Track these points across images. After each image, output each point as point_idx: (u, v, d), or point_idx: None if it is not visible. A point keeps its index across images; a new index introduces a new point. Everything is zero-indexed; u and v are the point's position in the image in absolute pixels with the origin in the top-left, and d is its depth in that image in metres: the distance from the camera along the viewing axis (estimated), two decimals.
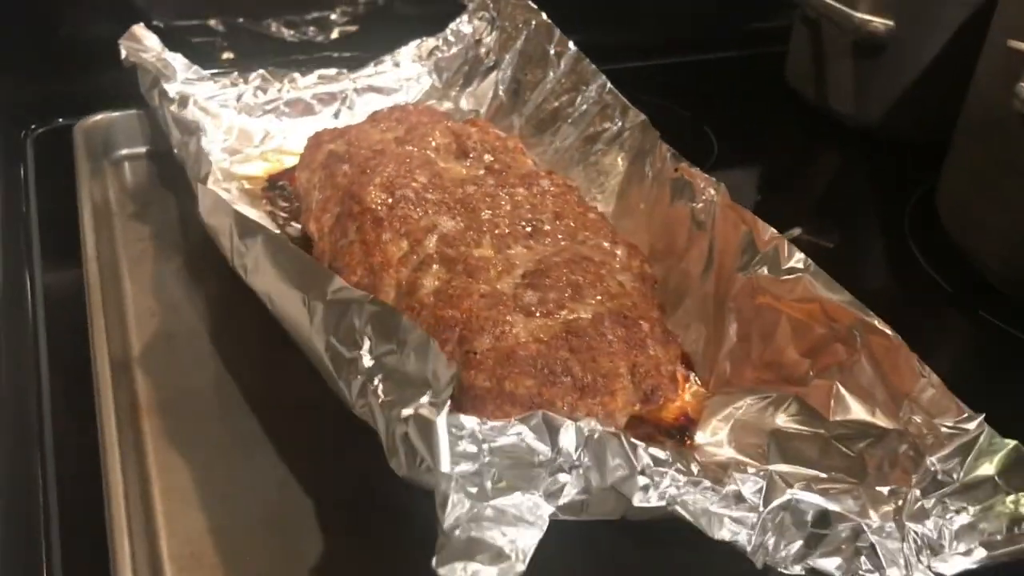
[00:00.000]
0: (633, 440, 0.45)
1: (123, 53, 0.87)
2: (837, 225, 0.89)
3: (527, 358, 0.55)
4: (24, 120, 0.91)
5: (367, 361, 0.47)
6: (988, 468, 0.48)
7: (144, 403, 0.58)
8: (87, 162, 0.82)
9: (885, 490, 0.49)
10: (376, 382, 0.45)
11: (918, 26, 0.93)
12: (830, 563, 0.46)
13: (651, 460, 0.44)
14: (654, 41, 1.16)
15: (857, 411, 0.55)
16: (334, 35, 1.10)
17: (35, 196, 0.80)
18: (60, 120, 0.91)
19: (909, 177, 0.94)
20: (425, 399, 0.41)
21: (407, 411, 0.41)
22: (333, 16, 1.10)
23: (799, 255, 0.60)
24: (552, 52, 0.87)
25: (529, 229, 0.67)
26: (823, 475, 0.52)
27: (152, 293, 0.69)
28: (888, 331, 0.54)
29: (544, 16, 0.88)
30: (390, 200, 0.68)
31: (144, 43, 0.89)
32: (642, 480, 0.44)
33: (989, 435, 0.48)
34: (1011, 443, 0.47)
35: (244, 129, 0.89)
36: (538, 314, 0.58)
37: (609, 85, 0.83)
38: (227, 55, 1.06)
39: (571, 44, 0.86)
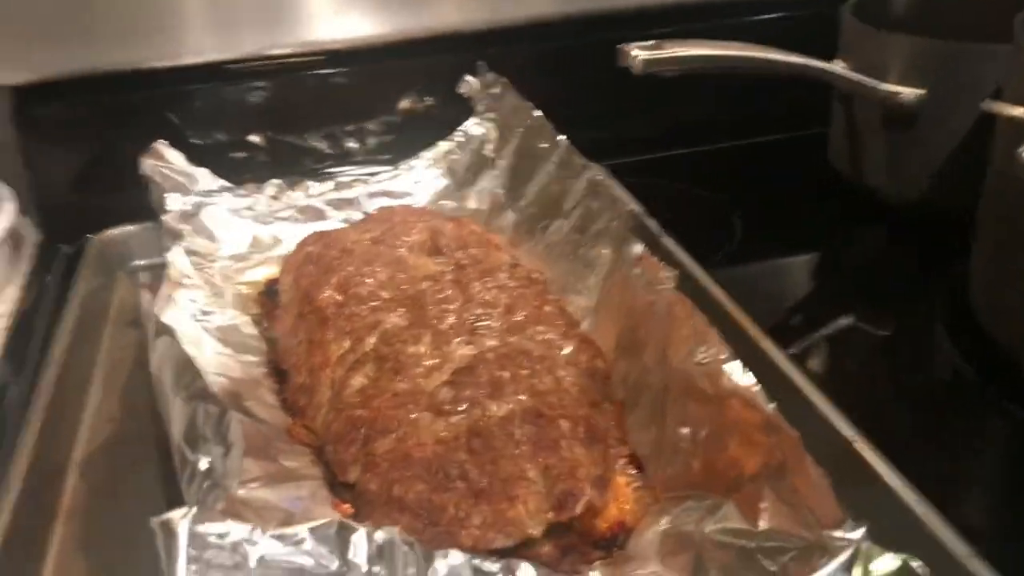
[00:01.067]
0: (456, 552, 0.41)
1: (143, 169, 0.91)
2: (871, 308, 0.83)
3: (421, 460, 0.52)
4: (59, 234, 0.96)
5: (202, 464, 0.45)
6: None
7: (65, 508, 0.59)
8: (95, 272, 0.86)
9: None
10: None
11: (949, 93, 0.87)
12: None
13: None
14: (692, 127, 1.13)
15: (784, 521, 0.49)
16: (371, 144, 1.13)
17: (47, 305, 0.84)
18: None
19: (947, 255, 0.86)
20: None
21: (156, 518, 0.39)
22: (370, 126, 1.13)
23: (736, 364, 0.55)
24: (543, 147, 0.86)
25: (475, 324, 0.65)
26: None
27: (119, 400, 0.71)
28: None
29: (537, 113, 0.87)
30: (341, 299, 0.68)
31: (166, 158, 0.93)
32: None
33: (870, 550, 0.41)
34: (899, 559, 0.40)
35: (256, 236, 0.91)
36: (448, 413, 0.55)
37: (600, 177, 0.81)
38: (263, 166, 1.10)
39: (561, 138, 0.85)
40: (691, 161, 1.11)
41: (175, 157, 0.94)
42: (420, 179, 0.97)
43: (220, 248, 0.88)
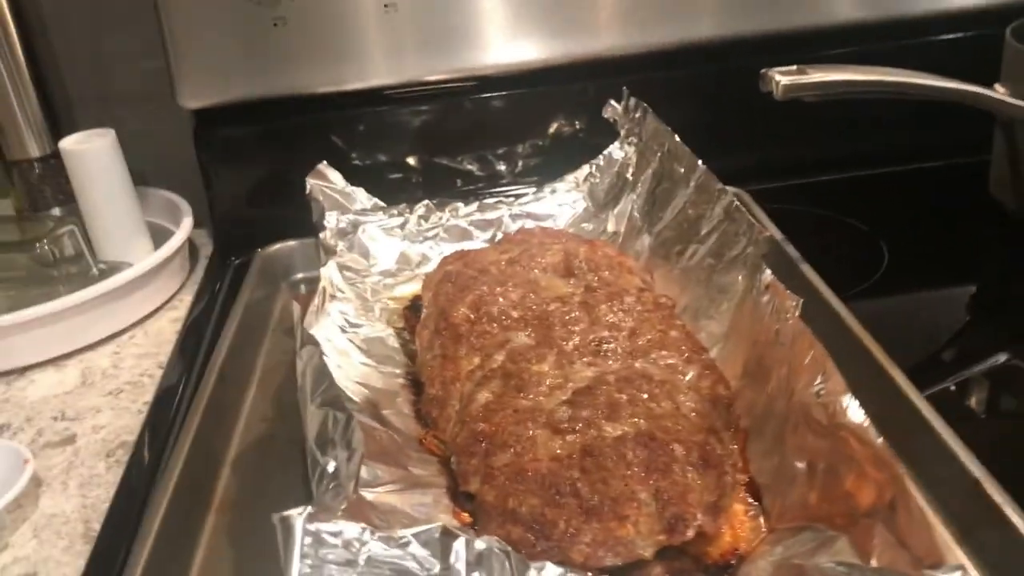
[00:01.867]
0: (551, 565, 0.43)
1: (308, 188, 0.98)
2: None
3: (535, 476, 0.54)
4: (230, 247, 1.05)
5: (330, 467, 0.49)
6: None
7: (218, 500, 0.65)
8: (259, 283, 0.93)
9: None
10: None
11: None
12: None
13: None
14: (841, 154, 1.11)
15: (896, 559, 0.48)
16: (519, 166, 1.17)
17: (215, 312, 0.92)
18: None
19: None
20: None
21: (277, 515, 0.43)
22: (520, 148, 1.17)
23: (849, 397, 0.54)
24: (681, 171, 0.87)
25: (599, 346, 0.66)
26: None
27: (271, 401, 0.77)
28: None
29: (676, 138, 0.88)
30: (474, 317, 0.71)
31: (328, 178, 1.00)
32: None
33: None
34: None
35: (405, 254, 0.96)
36: (565, 431, 0.58)
37: (736, 203, 0.81)
38: (416, 187, 1.15)
39: (700, 163, 0.85)
40: (838, 188, 1.09)
41: (336, 177, 1.01)
42: (562, 201, 1.00)
43: (372, 265, 0.94)
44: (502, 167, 1.17)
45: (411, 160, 1.15)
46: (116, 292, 0.93)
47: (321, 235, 0.90)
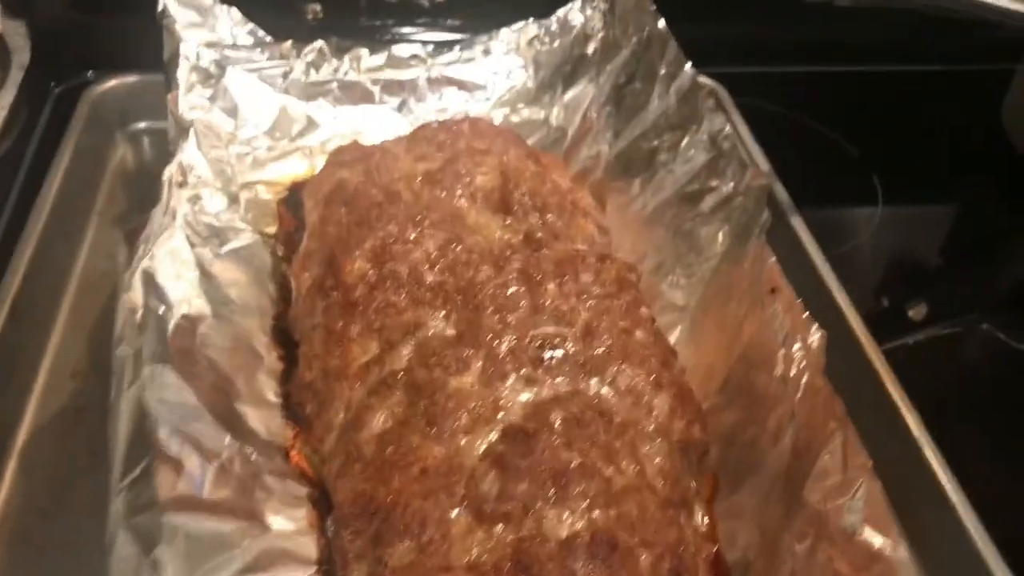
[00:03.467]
0: None
1: (160, 3, 0.72)
2: None
3: None
4: (53, 72, 0.79)
5: None
6: None
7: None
8: (88, 129, 0.71)
9: None
10: None
11: None
12: None
13: None
14: (826, 39, 0.90)
15: None
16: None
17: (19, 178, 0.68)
18: (89, 74, 0.78)
19: None
20: None
21: None
22: None
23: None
24: (662, 72, 0.66)
25: (542, 351, 0.49)
26: None
27: (87, 343, 0.56)
28: None
29: (662, 23, 0.67)
30: (374, 276, 0.52)
31: None
32: None
33: None
34: None
35: (285, 112, 0.74)
36: (491, 517, 0.41)
37: (728, 130, 0.62)
38: (313, 8, 0.90)
39: (688, 65, 0.65)
40: (821, 85, 0.90)
41: None
42: (497, 68, 0.78)
43: (240, 127, 0.71)
44: None
45: None
46: None
47: (172, 91, 0.66)
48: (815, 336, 0.47)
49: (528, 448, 0.43)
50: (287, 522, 0.44)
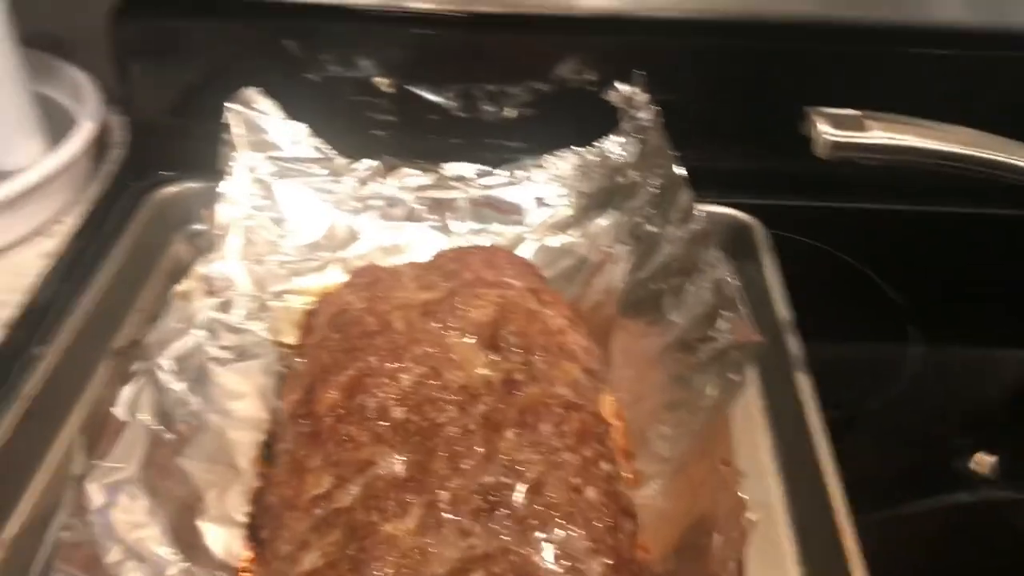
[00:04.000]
0: None
1: (225, 116, 0.78)
2: None
3: None
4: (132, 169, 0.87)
5: None
6: None
7: None
8: (148, 229, 0.77)
9: None
10: None
11: None
12: None
13: None
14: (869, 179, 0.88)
15: None
16: (507, 113, 0.95)
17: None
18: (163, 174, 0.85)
19: None
20: None
21: None
22: (515, 91, 0.95)
23: None
24: (674, 216, 0.67)
25: (484, 501, 0.49)
26: None
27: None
28: None
29: (678, 171, 0.67)
30: (344, 408, 0.54)
31: (257, 107, 0.80)
32: None
33: None
34: None
35: (330, 226, 0.78)
36: None
37: (729, 279, 0.61)
38: (386, 118, 0.95)
39: (697, 211, 0.65)
40: (863, 224, 0.87)
41: (268, 107, 0.80)
42: (539, 195, 0.80)
43: (282, 237, 0.76)
44: (490, 109, 0.96)
45: (382, 82, 0.94)
46: None
47: (216, 202, 0.72)
48: (744, 534, 0.46)
49: None
50: None
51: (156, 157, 0.88)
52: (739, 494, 0.47)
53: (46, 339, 0.65)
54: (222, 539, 0.53)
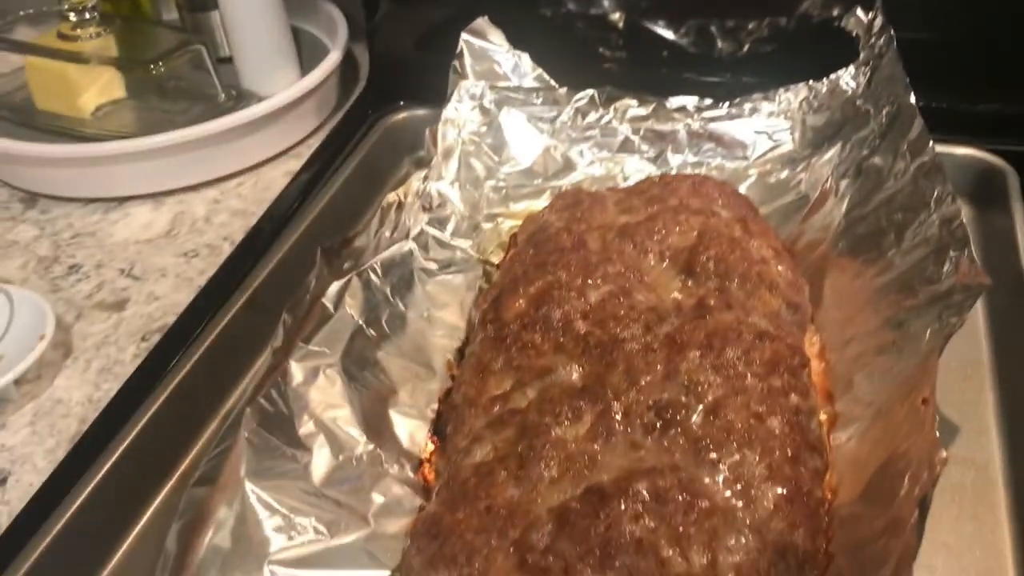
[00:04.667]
0: None
1: (459, 46, 0.81)
2: None
3: None
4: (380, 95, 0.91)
5: None
6: None
7: None
8: (381, 152, 0.82)
9: None
10: None
11: None
12: None
13: None
14: None
15: None
16: (744, 50, 0.91)
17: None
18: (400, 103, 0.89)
19: None
20: None
21: None
22: (751, 26, 0.91)
23: None
24: (903, 149, 0.61)
25: (658, 416, 0.48)
26: None
27: None
28: None
29: (911, 99, 0.62)
30: (528, 317, 0.55)
31: (487, 37, 0.82)
32: None
33: None
34: None
35: (546, 155, 0.79)
36: (530, 569, 0.42)
37: (959, 220, 0.56)
38: (616, 54, 0.94)
39: (930, 147, 0.59)
40: None
41: (497, 38, 0.82)
42: (762, 128, 0.76)
43: (501, 163, 0.78)
44: (724, 46, 0.92)
45: (614, 16, 0.93)
46: (233, 132, 0.83)
47: (441, 122, 0.74)
48: (938, 459, 0.42)
49: (594, 511, 0.43)
50: (385, 527, 0.49)
51: (397, 88, 0.92)
52: (935, 433, 0.43)
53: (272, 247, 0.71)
54: (409, 430, 0.55)
